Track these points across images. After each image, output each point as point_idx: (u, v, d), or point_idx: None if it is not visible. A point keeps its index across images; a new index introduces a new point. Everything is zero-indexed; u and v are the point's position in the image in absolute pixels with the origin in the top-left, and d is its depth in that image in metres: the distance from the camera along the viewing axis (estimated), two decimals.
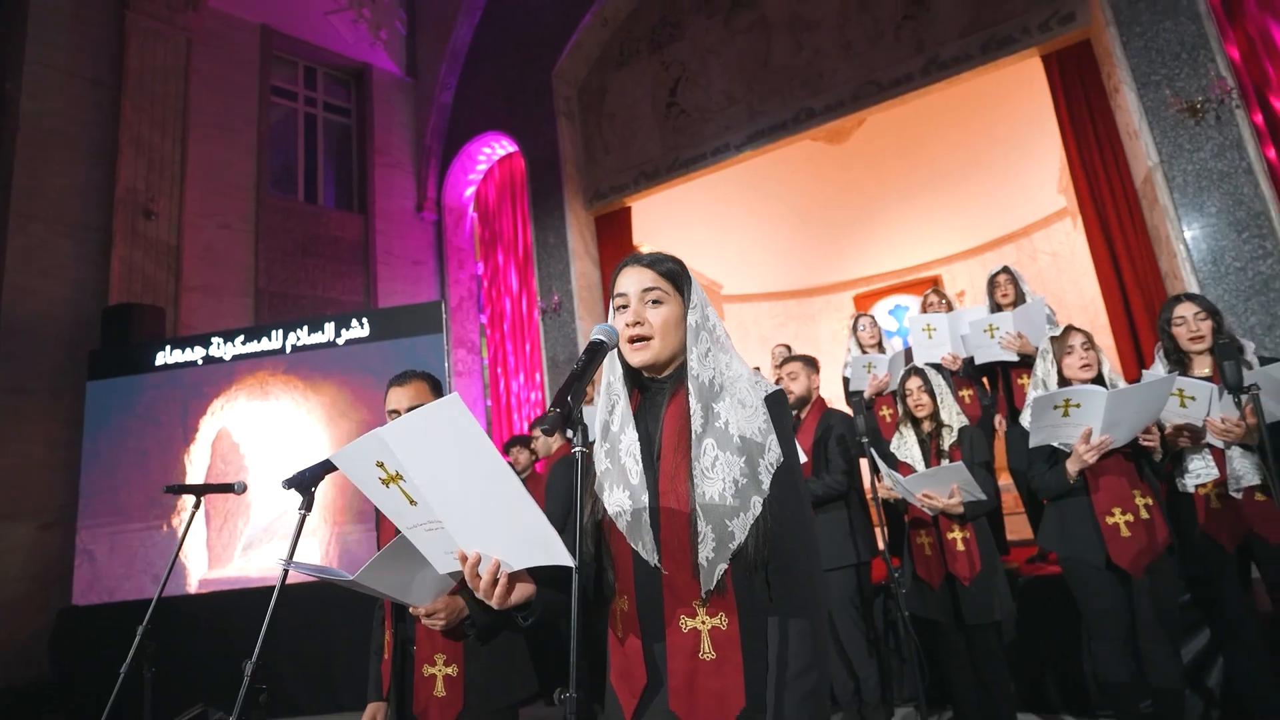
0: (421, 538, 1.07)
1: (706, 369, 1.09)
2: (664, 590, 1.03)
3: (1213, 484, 2.21)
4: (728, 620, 1.01)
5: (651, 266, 1.13)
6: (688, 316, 1.11)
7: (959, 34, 5.67)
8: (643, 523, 1.04)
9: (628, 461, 1.07)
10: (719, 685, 0.99)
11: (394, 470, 0.98)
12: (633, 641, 1.05)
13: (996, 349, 3.32)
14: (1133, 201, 4.96)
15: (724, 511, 1.01)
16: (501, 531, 0.96)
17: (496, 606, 1.00)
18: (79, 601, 4.78)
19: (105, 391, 5.14)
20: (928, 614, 2.51)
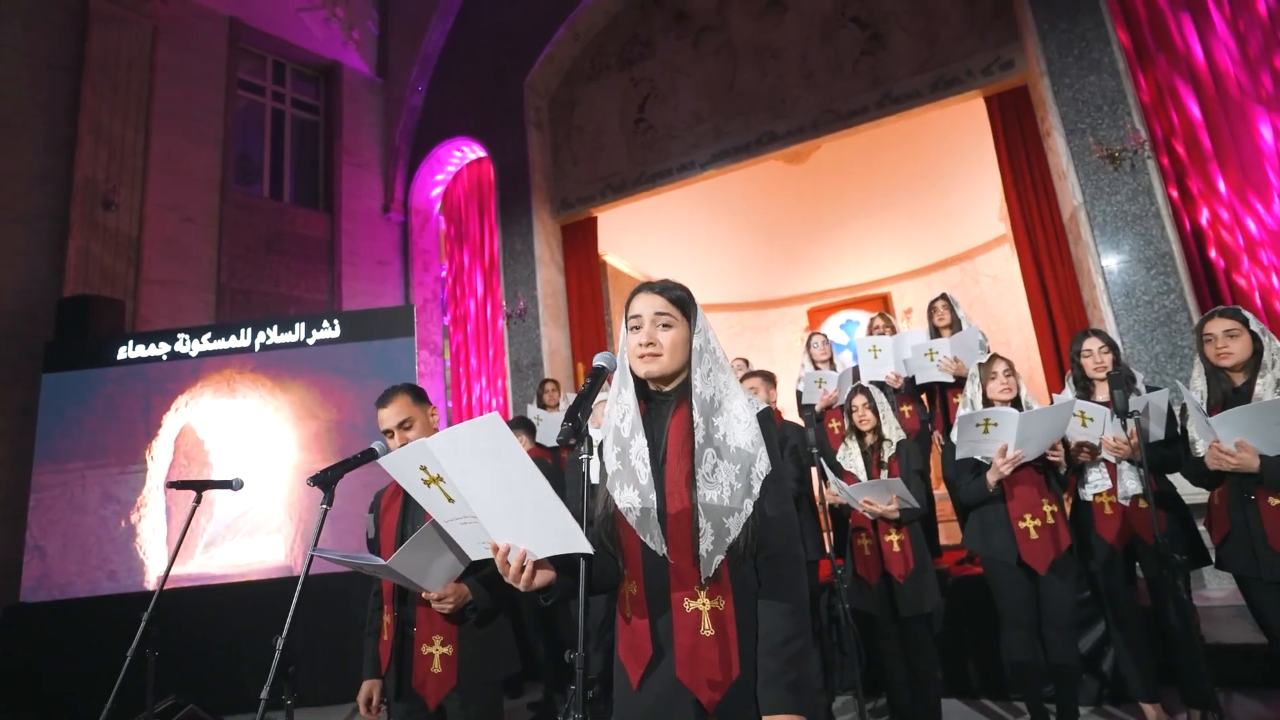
0: (457, 530, 1.27)
1: (709, 387, 1.27)
2: (670, 576, 1.21)
3: (1106, 493, 2.57)
4: (724, 602, 1.19)
5: (663, 294, 1.31)
6: (693, 340, 1.30)
7: (911, 72, 6.08)
8: (651, 518, 1.21)
9: (637, 464, 1.24)
10: (718, 656, 1.16)
11: (435, 473, 1.18)
12: (639, 621, 1.22)
13: (935, 371, 3.66)
14: (1061, 235, 5.42)
15: (722, 511, 1.19)
16: (529, 525, 1.14)
17: (523, 589, 1.17)
18: (27, 599, 4.69)
19: (61, 384, 5.06)
20: (866, 608, 2.80)
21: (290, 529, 4.78)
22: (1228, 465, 2.01)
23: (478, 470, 1.12)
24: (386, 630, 1.84)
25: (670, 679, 1.18)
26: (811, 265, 10.35)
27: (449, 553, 1.60)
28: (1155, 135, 4.87)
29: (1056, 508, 2.51)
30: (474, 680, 1.77)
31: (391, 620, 1.82)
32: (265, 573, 4.71)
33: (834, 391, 3.76)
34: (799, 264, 10.35)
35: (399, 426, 1.88)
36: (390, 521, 1.90)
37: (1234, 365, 2.14)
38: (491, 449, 1.08)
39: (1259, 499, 2.03)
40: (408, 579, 1.59)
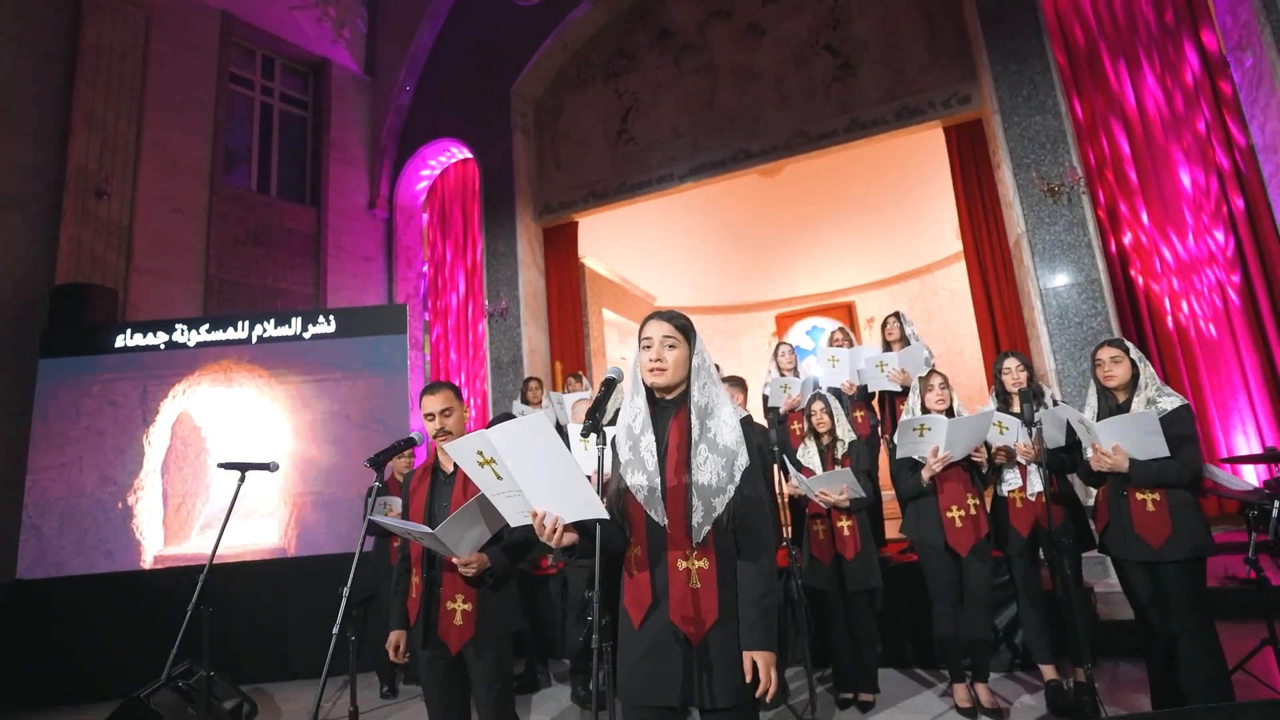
0: (503, 502, 1.64)
1: (704, 397, 1.62)
2: (667, 541, 1.56)
3: (1018, 490, 3.04)
4: (708, 563, 1.54)
5: (670, 321, 1.66)
6: (692, 359, 1.65)
7: (878, 100, 6.56)
8: (656, 496, 1.56)
9: (646, 455, 1.59)
10: (702, 604, 1.51)
11: (489, 456, 1.55)
12: (642, 575, 1.57)
13: (885, 381, 4.12)
14: (1007, 258, 5.94)
15: (710, 493, 1.53)
16: (561, 497, 1.51)
17: (554, 546, 1.54)
18: (24, 575, 4.87)
19: (58, 370, 5.23)
20: (819, 585, 3.23)
21: (285, 513, 5.04)
22: (1105, 465, 2.47)
23: (526, 454, 1.49)
24: (415, 589, 2.19)
25: (665, 621, 1.54)
26: (780, 273, 10.83)
27: (478, 527, 1.97)
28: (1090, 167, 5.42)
29: (978, 501, 2.97)
30: (488, 633, 2.13)
31: (420, 581, 2.17)
32: (260, 554, 4.97)
33: (797, 396, 4.19)
34: (769, 271, 10.82)
35: (441, 413, 2.22)
36: (419, 501, 2.24)
37: (1117, 385, 2.60)
38: (538, 439, 1.45)
39: (1129, 495, 2.49)
40: (445, 545, 1.94)
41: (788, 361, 4.44)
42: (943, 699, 3.21)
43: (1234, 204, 4.98)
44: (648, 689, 1.53)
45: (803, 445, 3.36)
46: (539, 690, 4.00)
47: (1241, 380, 4.91)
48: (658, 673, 1.52)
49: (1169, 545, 2.42)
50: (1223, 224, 5.02)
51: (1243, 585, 3.58)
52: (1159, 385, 2.57)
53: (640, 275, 9.87)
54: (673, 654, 1.52)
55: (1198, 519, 2.44)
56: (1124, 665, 3.32)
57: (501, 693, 2.13)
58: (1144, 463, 2.45)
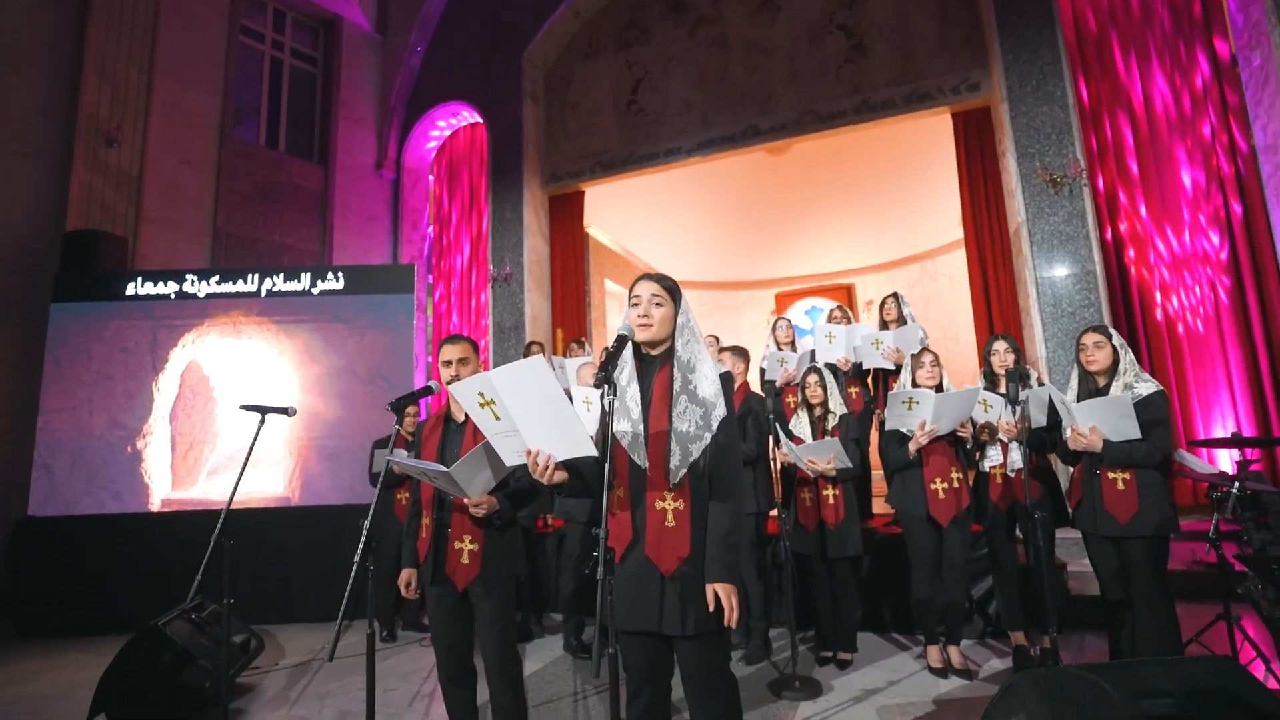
0: (499, 442, 1.76)
1: (687, 352, 1.74)
2: (647, 483, 1.69)
3: (1000, 466, 3.19)
4: (683, 504, 1.67)
5: (658, 281, 1.79)
6: (677, 317, 1.77)
7: (889, 83, 6.58)
8: (639, 441, 1.68)
9: (631, 404, 1.72)
10: (675, 541, 1.65)
11: (490, 397, 1.67)
12: (624, 514, 1.70)
13: (879, 359, 4.24)
14: (1007, 247, 6.04)
15: (688, 439, 1.66)
16: (555, 436, 1.64)
17: (545, 483, 1.69)
18: (35, 512, 5.02)
19: (70, 315, 5.32)
20: (803, 549, 3.39)
21: (290, 463, 5.18)
22: (1081, 445, 2.61)
23: (524, 395, 1.62)
24: (425, 530, 2.32)
25: (641, 556, 1.69)
26: (782, 252, 10.89)
27: (486, 471, 2.09)
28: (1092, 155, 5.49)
29: (961, 475, 3.12)
30: (493, 573, 2.27)
31: (430, 522, 2.31)
32: (264, 502, 5.12)
33: (793, 370, 4.31)
34: (770, 250, 10.88)
35: (458, 361, 2.35)
36: (431, 448, 2.36)
37: (1098, 370, 2.73)
38: (536, 380, 1.58)
39: (1101, 473, 2.64)
40: (458, 485, 2.07)
41: (785, 336, 4.56)
42: (917, 660, 3.39)
43: (1232, 209, 5.07)
44: (628, 615, 1.68)
45: (795, 416, 3.50)
46: (532, 640, 4.19)
47: (1225, 376, 5.05)
48: (636, 601, 1.67)
49: (1135, 521, 2.57)
50: (1219, 227, 5.12)
51: (1207, 569, 3.76)
52: (1138, 372, 2.70)
53: (643, 247, 9.93)
54: (648, 585, 1.67)
55: (1164, 499, 2.58)
56: (1090, 638, 3.51)
57: (504, 629, 2.28)
58: (1117, 444, 2.59)
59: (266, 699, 3.35)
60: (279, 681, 3.61)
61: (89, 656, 4.17)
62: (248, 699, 3.36)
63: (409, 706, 3.11)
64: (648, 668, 1.72)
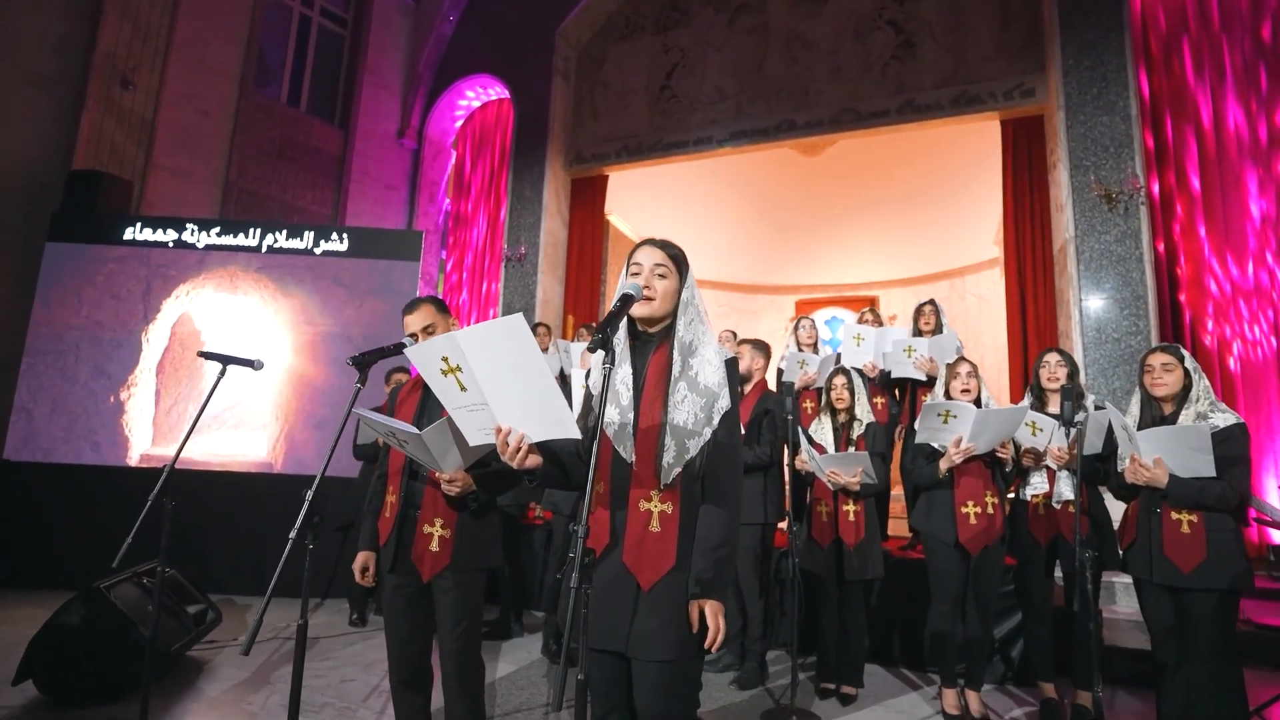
0: (463, 417, 1.46)
1: (690, 333, 1.49)
2: (632, 480, 1.43)
3: (1042, 496, 2.85)
4: (672, 507, 1.42)
5: (662, 248, 1.53)
6: (681, 292, 1.51)
7: (935, 84, 6.24)
8: (626, 432, 1.44)
9: (620, 388, 1.47)
10: (659, 549, 1.40)
11: (455, 364, 1.37)
12: (601, 513, 1.45)
13: (910, 368, 3.91)
14: (1049, 265, 5.68)
15: (685, 433, 1.41)
16: (531, 412, 1.35)
17: (515, 467, 1.40)
18: (10, 457, 4.81)
19: (64, 255, 5.11)
20: (814, 569, 3.07)
21: (275, 428, 4.93)
22: (1142, 478, 2.28)
23: (496, 362, 1.32)
24: (389, 509, 2.04)
25: (618, 563, 1.41)
26: (806, 258, 10.55)
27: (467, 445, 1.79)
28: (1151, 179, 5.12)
29: (997, 500, 2.78)
30: (464, 564, 1.98)
31: (396, 500, 2.02)
32: (246, 466, 4.88)
33: (813, 374, 3.99)
34: (794, 255, 10.54)
35: (423, 330, 2.06)
36: (408, 411, 2.08)
37: (1165, 395, 2.39)
38: (513, 344, 1.28)
39: (1163, 512, 2.31)
40: (431, 454, 1.78)
41: (808, 336, 4.24)
42: (930, 703, 3.07)
43: None
44: (595, 632, 1.41)
45: (817, 421, 3.18)
46: (510, 639, 3.91)
47: None
48: (606, 616, 1.40)
49: (1200, 572, 2.23)
50: None
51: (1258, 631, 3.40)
52: (1213, 400, 2.37)
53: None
54: (621, 598, 1.40)
55: (1237, 548, 2.25)
56: (1122, 695, 3.16)
57: (467, 631, 1.99)
58: (1184, 480, 2.26)
59: (214, 677, 3.09)
60: (234, 658, 3.35)
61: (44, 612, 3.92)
62: (193, 675, 3.10)
63: (364, 702, 2.83)
64: (614, 691, 1.46)
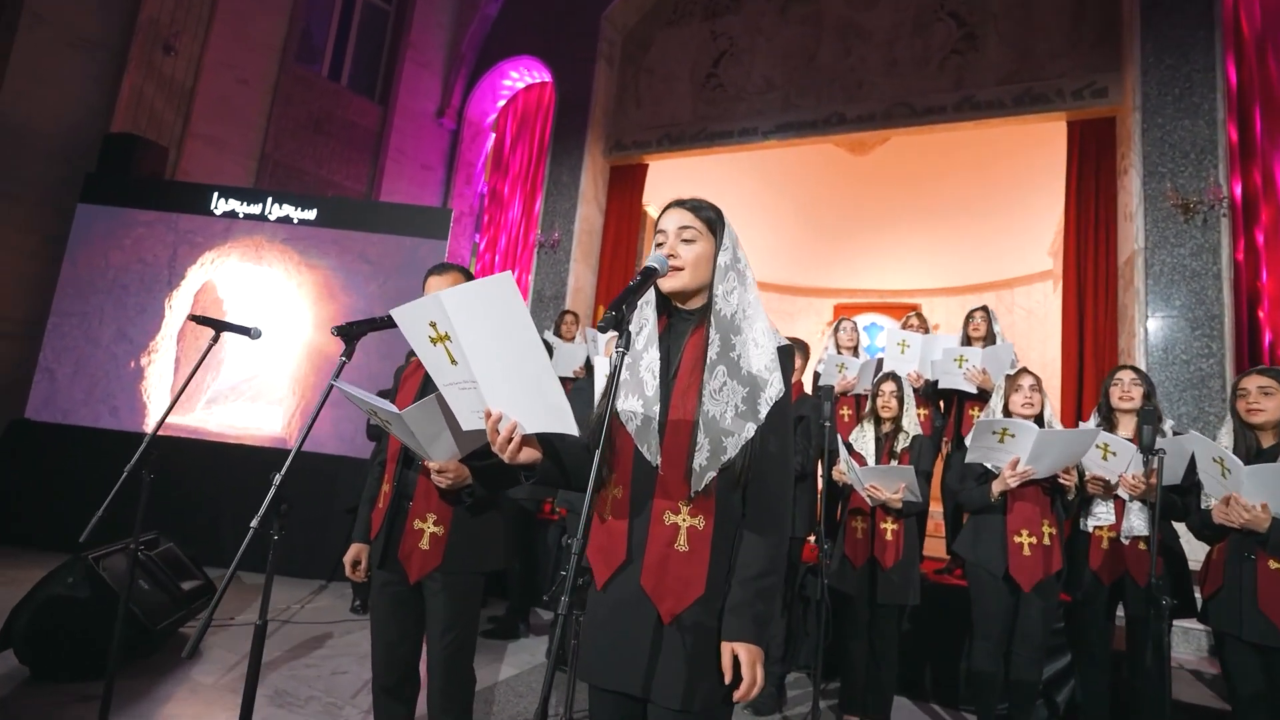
0: (454, 395, 1.23)
1: (729, 305, 1.24)
2: (657, 487, 1.20)
3: (1108, 528, 2.54)
4: (705, 522, 1.18)
5: (690, 209, 1.29)
6: (718, 256, 1.26)
7: (998, 81, 5.87)
8: (651, 428, 1.20)
9: (646, 376, 1.23)
10: (686, 573, 1.16)
11: (444, 331, 1.13)
12: (618, 524, 1.21)
13: (960, 379, 3.61)
14: (1111, 279, 5.29)
15: (721, 430, 1.17)
16: (524, 397, 1.11)
17: (507, 460, 1.16)
18: (32, 416, 4.80)
19: (95, 217, 5.08)
20: (845, 589, 2.82)
21: (291, 403, 4.84)
22: (1238, 520, 1.98)
23: (484, 331, 1.09)
24: (383, 499, 1.86)
25: (634, 586, 1.18)
26: (848, 261, 10.19)
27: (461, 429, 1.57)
28: (1233, 180, 4.70)
29: (1055, 530, 2.49)
30: (457, 566, 1.79)
31: (390, 489, 1.84)
32: (260, 440, 4.79)
33: (853, 379, 3.72)
34: (835, 257, 10.19)
35: None
36: (409, 391, 1.90)
37: (1263, 424, 2.09)
38: (501, 310, 1.05)
39: (1258, 560, 2.00)
40: (416, 439, 1.59)
41: (848, 338, 3.96)
42: None
43: None
44: (601, 667, 1.19)
45: (858, 428, 2.92)
46: (517, 639, 3.73)
47: None
48: (615, 649, 1.18)
49: None
50: None
51: None
52: None
53: None
54: (637, 629, 1.17)
55: None
56: None
57: (458, 640, 1.79)
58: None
59: (203, 658, 2.97)
60: (225, 640, 3.22)
61: None
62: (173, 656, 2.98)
63: (352, 699, 2.67)
64: None
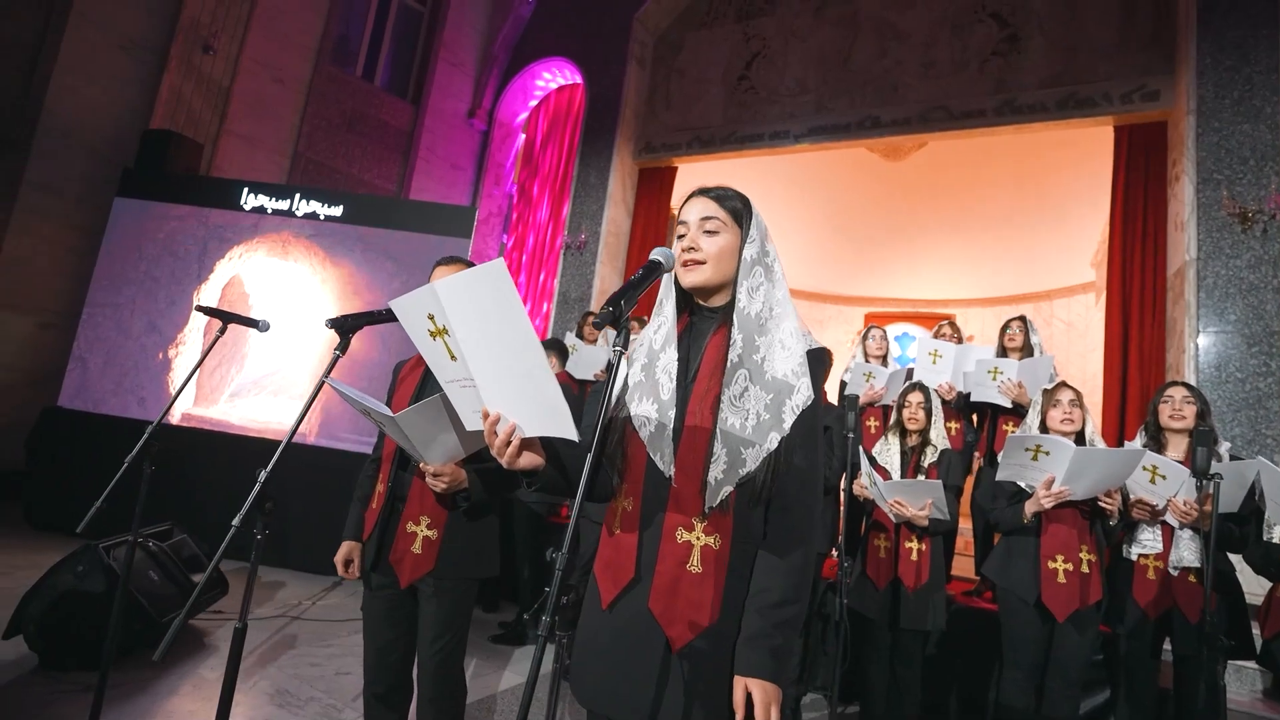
0: (456, 393, 1.15)
1: (754, 302, 1.13)
2: (669, 500, 1.10)
3: (1155, 557, 2.36)
4: (721, 541, 1.08)
5: (715, 198, 1.20)
6: (743, 250, 1.16)
7: (1041, 83, 5.65)
8: (665, 436, 1.10)
9: (662, 378, 1.13)
10: (697, 596, 1.07)
11: (441, 324, 1.05)
12: (628, 539, 1.12)
13: (994, 391, 3.43)
14: (1159, 291, 5.03)
15: (741, 440, 1.07)
16: (522, 397, 1.03)
17: (506, 465, 1.06)
18: (64, 404, 4.89)
19: (130, 211, 5.17)
20: (865, 611, 2.67)
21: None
22: None
23: (479, 324, 1.01)
24: (377, 499, 1.80)
25: (641, 607, 1.09)
26: (879, 269, 9.97)
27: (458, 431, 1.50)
28: None
29: (1095, 557, 2.32)
30: (450, 572, 1.72)
31: (384, 490, 1.77)
32: (281, 435, 4.80)
33: (880, 389, 3.57)
34: (867, 264, 9.97)
35: None
36: (406, 390, 1.83)
37: None
38: (493, 301, 0.96)
39: None
40: (410, 442, 1.52)
41: (877, 347, 3.81)
42: None
43: None
44: (602, 693, 1.10)
45: (882, 440, 2.77)
46: (525, 644, 3.65)
47: None
48: (619, 675, 1.09)
49: None
50: None
51: None
52: None
53: None
54: (643, 655, 1.08)
55: None
56: None
57: (449, 647, 1.72)
58: None
59: (209, 652, 2.95)
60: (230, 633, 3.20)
61: None
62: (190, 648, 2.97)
63: (353, 701, 2.61)
64: None
